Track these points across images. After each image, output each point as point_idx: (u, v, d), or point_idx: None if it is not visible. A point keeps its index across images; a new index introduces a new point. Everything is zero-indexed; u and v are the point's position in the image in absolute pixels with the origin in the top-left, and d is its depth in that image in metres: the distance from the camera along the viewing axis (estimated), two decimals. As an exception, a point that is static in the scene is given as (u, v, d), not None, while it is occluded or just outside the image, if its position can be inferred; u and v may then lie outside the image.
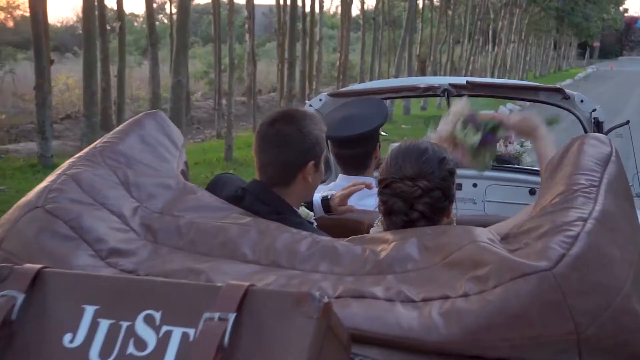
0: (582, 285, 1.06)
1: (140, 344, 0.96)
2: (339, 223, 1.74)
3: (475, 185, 2.96)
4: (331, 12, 33.44)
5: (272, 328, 0.92)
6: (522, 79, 31.74)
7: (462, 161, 1.75)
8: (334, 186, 2.14)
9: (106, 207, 1.39)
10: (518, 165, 3.43)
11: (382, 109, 2.17)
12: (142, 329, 0.96)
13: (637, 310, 1.10)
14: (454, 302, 1.08)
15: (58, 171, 1.47)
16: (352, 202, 1.94)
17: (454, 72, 22.48)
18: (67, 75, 14.40)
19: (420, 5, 22.43)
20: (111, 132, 1.66)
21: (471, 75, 20.16)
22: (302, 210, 1.75)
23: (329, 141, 2.22)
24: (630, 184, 2.74)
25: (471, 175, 2.91)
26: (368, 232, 1.65)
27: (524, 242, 1.16)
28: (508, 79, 27.96)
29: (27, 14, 8.33)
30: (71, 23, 37.29)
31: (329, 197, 1.93)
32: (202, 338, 0.91)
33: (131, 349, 0.95)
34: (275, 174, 1.62)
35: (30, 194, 1.40)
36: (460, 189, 2.88)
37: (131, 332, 0.97)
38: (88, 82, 8.47)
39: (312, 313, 0.92)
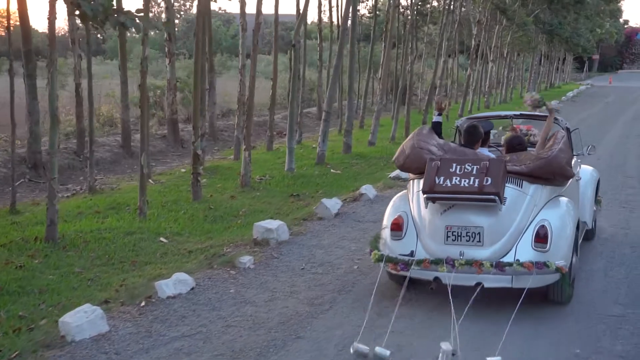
0: (556, 162, 5.64)
1: (467, 168, 5.39)
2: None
3: None
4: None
5: (495, 165, 5.36)
6: (506, 99, 32.95)
7: (531, 105, 6.78)
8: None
9: (432, 145, 5.89)
10: None
11: (490, 124, 6.78)
12: (467, 167, 5.40)
13: (565, 167, 5.76)
14: (527, 165, 5.62)
15: (411, 136, 6.06)
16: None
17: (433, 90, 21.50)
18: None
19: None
20: (413, 133, 6.16)
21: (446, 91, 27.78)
22: None
23: None
24: (582, 150, 7.50)
25: None
26: None
27: (542, 154, 5.74)
28: (489, 98, 30.44)
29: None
30: (62, 33, 38.20)
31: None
32: (480, 167, 5.35)
33: (464, 171, 5.38)
34: (469, 143, 6.13)
35: (408, 144, 5.89)
36: None
37: (464, 167, 5.39)
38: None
39: (502, 160, 5.48)
